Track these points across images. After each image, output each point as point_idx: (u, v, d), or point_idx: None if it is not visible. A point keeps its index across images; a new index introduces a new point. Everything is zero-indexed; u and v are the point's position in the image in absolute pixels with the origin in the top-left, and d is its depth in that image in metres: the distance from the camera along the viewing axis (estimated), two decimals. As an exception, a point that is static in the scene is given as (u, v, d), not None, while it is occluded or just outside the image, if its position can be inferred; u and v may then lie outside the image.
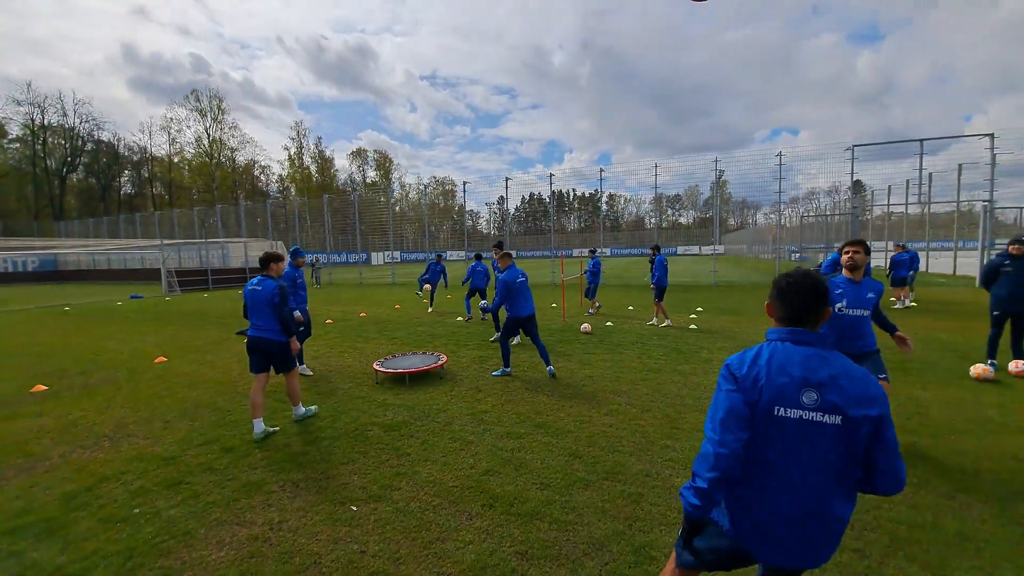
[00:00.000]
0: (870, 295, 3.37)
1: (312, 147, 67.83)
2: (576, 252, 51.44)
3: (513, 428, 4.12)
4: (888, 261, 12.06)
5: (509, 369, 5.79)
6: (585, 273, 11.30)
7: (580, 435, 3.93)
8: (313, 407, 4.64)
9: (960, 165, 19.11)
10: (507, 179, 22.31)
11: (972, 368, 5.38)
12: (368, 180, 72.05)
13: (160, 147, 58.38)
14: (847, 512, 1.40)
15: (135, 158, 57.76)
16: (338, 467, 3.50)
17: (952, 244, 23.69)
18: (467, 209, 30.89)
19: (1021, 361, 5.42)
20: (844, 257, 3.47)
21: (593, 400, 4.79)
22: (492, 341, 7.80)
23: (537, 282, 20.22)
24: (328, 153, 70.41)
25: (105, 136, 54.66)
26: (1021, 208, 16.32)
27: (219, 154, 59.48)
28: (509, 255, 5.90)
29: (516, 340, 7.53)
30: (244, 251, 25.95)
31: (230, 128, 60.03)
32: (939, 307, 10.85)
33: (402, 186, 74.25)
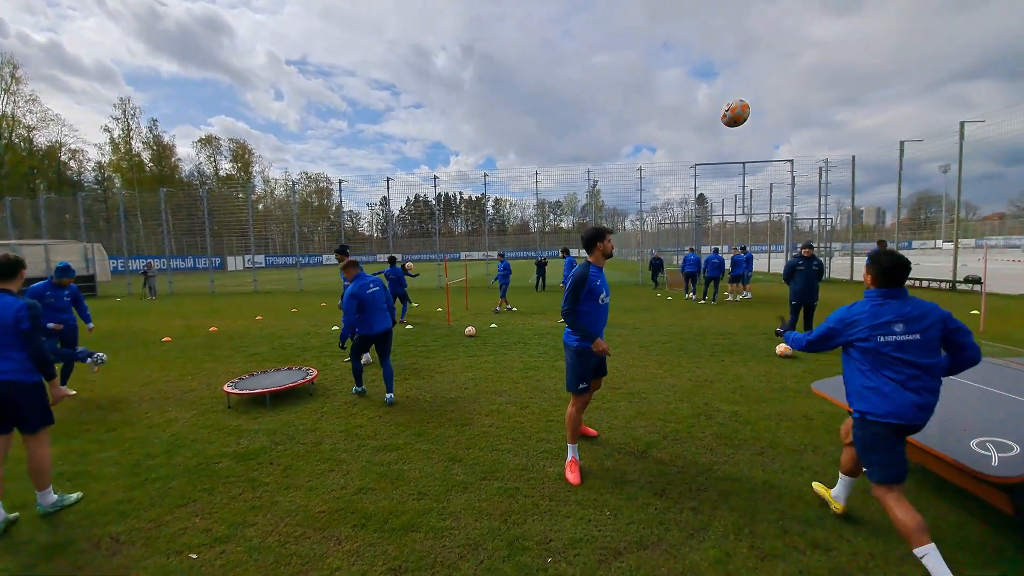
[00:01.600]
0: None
1: (144, 130, 56.48)
2: (463, 255, 51.70)
3: (391, 440, 3.94)
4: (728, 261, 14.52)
5: (363, 388, 5.20)
6: (497, 277, 12.44)
7: (461, 439, 3.92)
8: (75, 494, 3.15)
9: (771, 184, 23.90)
10: (388, 179, 21.47)
11: (777, 348, 6.67)
12: (222, 173, 62.50)
13: (-81, 122, 43.64)
14: None
15: None
16: (174, 511, 2.97)
17: (767, 248, 29.20)
18: (345, 210, 29.11)
19: (808, 339, 6.89)
20: (609, 245, 3.31)
21: (475, 402, 4.82)
22: (347, 361, 6.70)
23: (424, 286, 19.80)
24: (167, 139, 58.40)
25: None
26: (812, 219, 20.85)
27: (11, 133, 46.53)
28: (355, 263, 5.05)
29: (367, 358, 6.53)
30: (45, 255, 20.83)
31: (27, 101, 47.17)
32: (757, 299, 13.31)
33: (266, 182, 66.24)
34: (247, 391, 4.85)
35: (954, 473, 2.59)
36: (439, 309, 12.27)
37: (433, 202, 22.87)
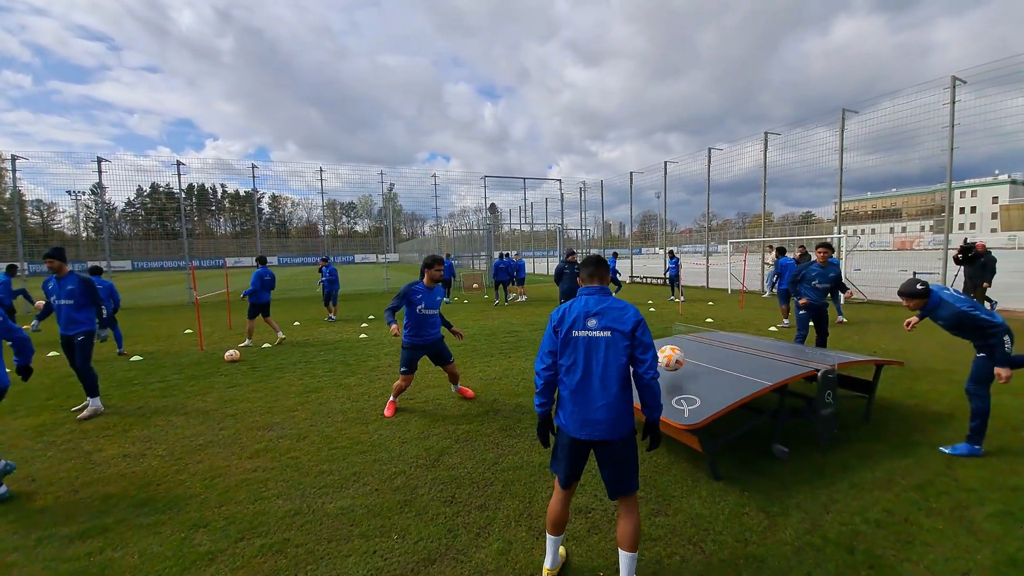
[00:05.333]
0: (438, 299, 4.63)
1: None
2: (229, 262, 42.94)
3: (95, 521, 2.83)
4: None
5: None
6: (322, 281, 11.23)
7: (209, 495, 3.11)
8: None
9: (546, 199, 27.79)
10: (100, 159, 15.70)
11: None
12: None
13: None
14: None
15: None
16: None
17: (545, 253, 33.80)
18: (30, 198, 20.53)
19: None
20: (436, 273, 4.54)
21: (234, 444, 3.94)
22: (77, 412, 4.74)
23: (167, 302, 15.68)
24: None
25: None
26: (577, 230, 25.08)
27: None
28: None
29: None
30: None
31: None
32: (538, 299, 15.19)
33: None
34: None
35: (663, 426, 3.33)
36: (188, 331, 9.83)
37: (180, 194, 17.98)
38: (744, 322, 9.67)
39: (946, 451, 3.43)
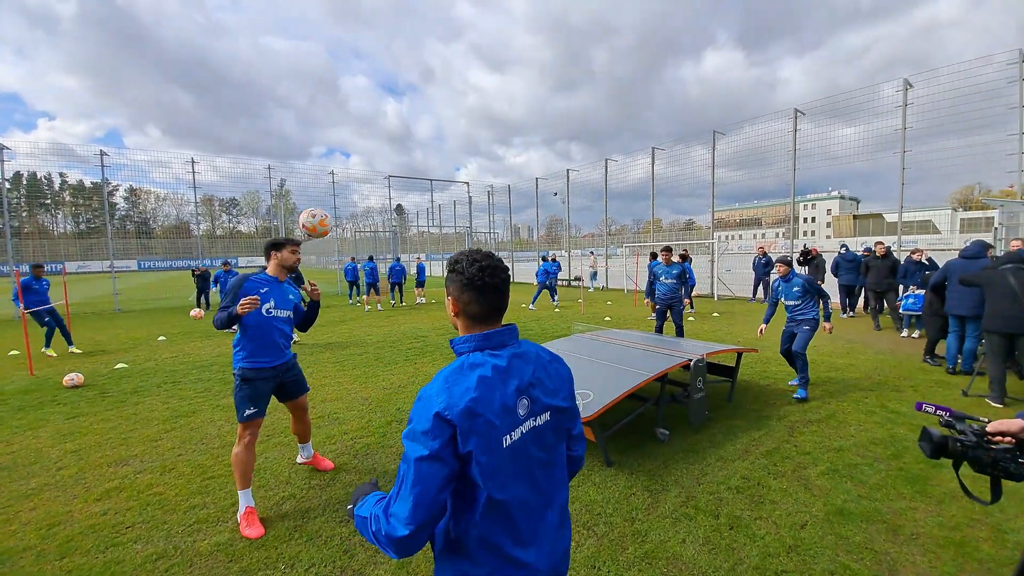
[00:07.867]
0: (291, 296, 3.09)
1: None
2: (76, 266, 36.09)
3: None
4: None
5: None
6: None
7: (48, 547, 2.57)
8: None
9: (455, 201, 27.63)
10: None
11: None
12: None
13: None
14: None
15: None
16: None
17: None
18: None
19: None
20: (288, 254, 3.03)
21: (77, 485, 3.30)
22: None
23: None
24: None
25: None
26: (486, 233, 25.29)
27: None
28: None
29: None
30: None
31: None
32: (440, 303, 15.10)
33: None
34: None
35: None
36: (13, 352, 8.05)
37: (2, 184, 14.44)
38: (637, 319, 10.57)
39: (799, 396, 4.71)
